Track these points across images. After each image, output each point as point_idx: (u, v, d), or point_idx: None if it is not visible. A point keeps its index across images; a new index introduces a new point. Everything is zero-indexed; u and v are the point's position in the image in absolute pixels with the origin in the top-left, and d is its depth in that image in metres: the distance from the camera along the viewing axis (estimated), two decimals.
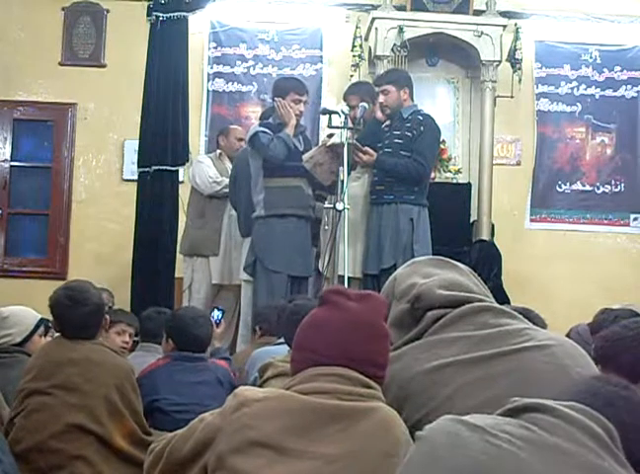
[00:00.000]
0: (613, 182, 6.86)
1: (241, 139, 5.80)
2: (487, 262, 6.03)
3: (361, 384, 1.72)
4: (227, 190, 5.54)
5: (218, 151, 5.86)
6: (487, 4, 6.37)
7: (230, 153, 5.78)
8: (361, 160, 4.97)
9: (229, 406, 1.72)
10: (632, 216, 6.86)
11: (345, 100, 5.35)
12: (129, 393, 2.96)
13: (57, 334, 3.09)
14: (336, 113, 4.76)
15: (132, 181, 5.97)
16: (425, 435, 1.24)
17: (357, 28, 6.41)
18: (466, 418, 1.25)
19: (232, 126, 6.03)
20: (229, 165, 5.73)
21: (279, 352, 3.24)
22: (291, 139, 4.92)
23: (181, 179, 5.77)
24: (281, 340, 3.48)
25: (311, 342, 1.76)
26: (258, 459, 1.64)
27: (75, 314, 2.93)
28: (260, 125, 5.01)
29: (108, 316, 3.29)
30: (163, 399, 3.26)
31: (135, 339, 4.15)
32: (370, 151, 4.96)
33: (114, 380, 2.91)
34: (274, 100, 5.09)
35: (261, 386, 2.81)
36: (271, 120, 5.01)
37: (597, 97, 6.90)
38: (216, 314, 4.26)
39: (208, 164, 5.69)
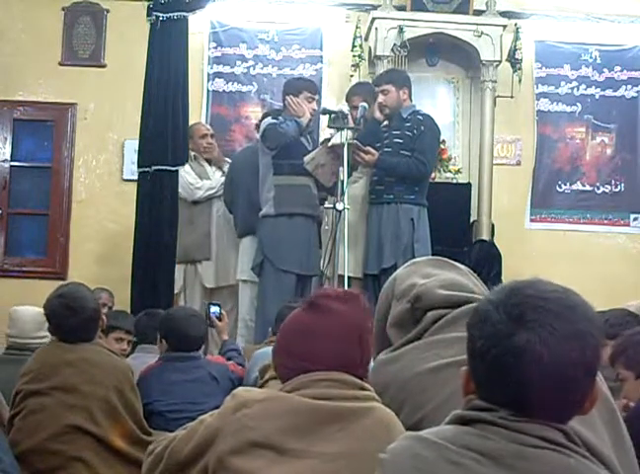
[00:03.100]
0: (613, 182, 6.85)
1: (204, 136, 5.74)
2: (487, 262, 6.01)
3: (357, 387, 1.73)
4: (210, 192, 5.56)
5: (193, 153, 5.71)
6: (487, 4, 6.36)
7: (203, 154, 5.71)
8: (363, 160, 4.97)
9: (228, 407, 1.72)
10: (632, 216, 6.85)
11: (348, 101, 5.35)
12: (128, 393, 2.96)
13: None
14: (336, 113, 4.76)
15: (132, 181, 5.96)
16: (388, 460, 1.24)
17: (357, 28, 6.40)
18: (427, 435, 1.24)
19: (194, 126, 5.84)
20: (208, 168, 5.69)
21: None
22: (303, 127, 4.93)
23: None
24: None
25: (303, 349, 1.76)
26: (258, 460, 1.64)
27: (73, 322, 2.92)
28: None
29: (105, 317, 3.28)
30: (155, 401, 3.27)
31: (135, 339, 4.15)
32: (372, 151, 4.96)
33: (112, 381, 2.91)
34: (284, 98, 5.09)
35: (261, 387, 2.82)
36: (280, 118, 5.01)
37: (597, 97, 6.89)
38: (214, 309, 4.24)
39: (187, 169, 5.54)
